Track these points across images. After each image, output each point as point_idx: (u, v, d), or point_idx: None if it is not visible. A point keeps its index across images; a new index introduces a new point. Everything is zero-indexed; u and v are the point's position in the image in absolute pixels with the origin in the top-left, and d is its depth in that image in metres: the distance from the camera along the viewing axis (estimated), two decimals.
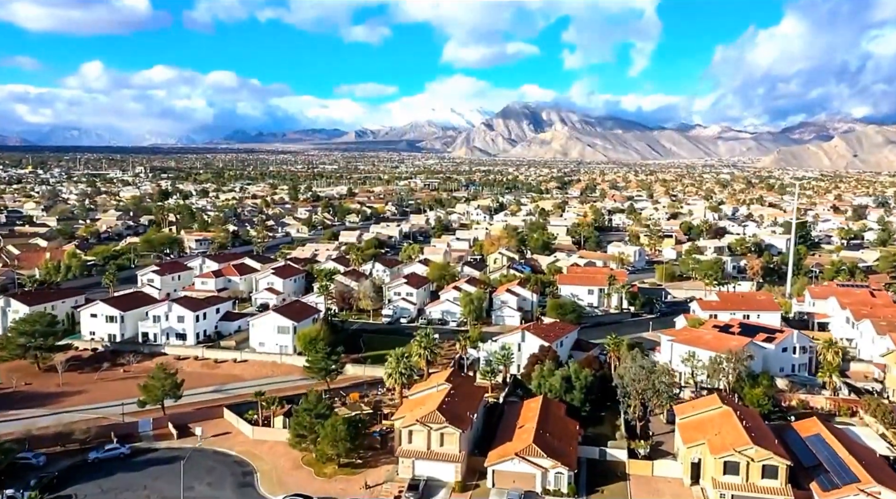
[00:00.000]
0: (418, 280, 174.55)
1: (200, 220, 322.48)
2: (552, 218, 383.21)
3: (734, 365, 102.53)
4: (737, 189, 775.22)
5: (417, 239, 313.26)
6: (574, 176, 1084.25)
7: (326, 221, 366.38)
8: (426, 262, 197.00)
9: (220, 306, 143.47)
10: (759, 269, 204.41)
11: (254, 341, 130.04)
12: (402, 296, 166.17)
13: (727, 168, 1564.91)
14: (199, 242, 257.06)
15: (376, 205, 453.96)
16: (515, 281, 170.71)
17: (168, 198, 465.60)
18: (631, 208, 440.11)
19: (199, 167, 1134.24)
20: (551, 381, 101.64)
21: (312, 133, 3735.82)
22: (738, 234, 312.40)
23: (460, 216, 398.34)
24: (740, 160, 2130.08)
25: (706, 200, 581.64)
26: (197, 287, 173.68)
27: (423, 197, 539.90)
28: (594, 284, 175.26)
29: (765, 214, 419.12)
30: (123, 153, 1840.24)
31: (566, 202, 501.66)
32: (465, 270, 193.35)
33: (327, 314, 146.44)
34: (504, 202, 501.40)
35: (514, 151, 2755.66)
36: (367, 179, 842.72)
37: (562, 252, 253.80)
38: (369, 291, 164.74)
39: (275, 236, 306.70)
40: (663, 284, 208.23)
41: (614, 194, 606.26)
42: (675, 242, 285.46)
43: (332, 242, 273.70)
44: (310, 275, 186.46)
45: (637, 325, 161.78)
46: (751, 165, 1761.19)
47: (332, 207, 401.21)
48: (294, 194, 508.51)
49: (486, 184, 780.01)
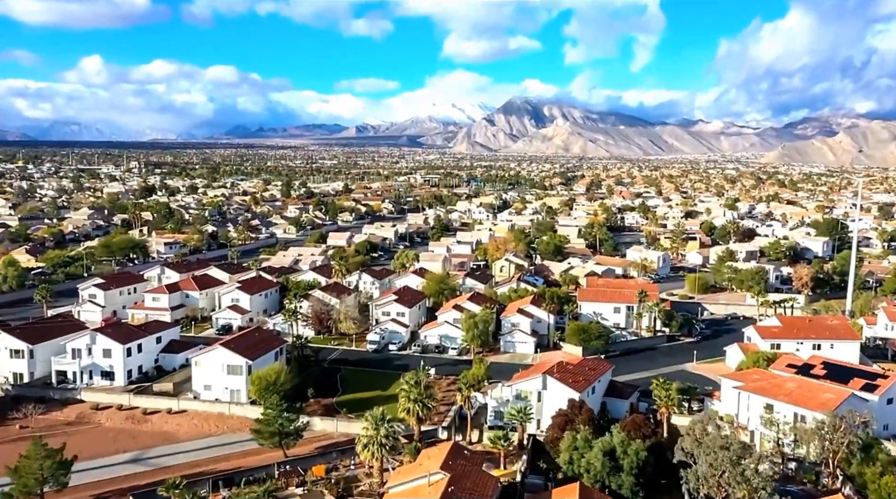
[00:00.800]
0: (412, 296, 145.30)
1: (179, 219, 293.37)
2: (560, 217, 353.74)
3: (845, 434, 73.29)
4: (747, 185, 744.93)
5: (415, 241, 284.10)
6: (577, 171, 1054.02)
7: (316, 220, 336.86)
8: (422, 272, 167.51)
9: (163, 334, 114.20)
10: (808, 280, 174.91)
11: (197, 384, 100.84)
12: (391, 316, 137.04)
13: (731, 164, 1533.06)
14: (170, 245, 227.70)
15: (373, 202, 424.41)
16: (528, 298, 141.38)
17: (152, 194, 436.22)
18: (643, 206, 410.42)
19: (196, 163, 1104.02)
20: (589, 457, 72.48)
21: (313, 128, 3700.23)
22: (765, 235, 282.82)
23: (461, 215, 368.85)
24: (743, 156, 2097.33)
25: (719, 197, 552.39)
26: (147, 304, 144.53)
27: (422, 194, 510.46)
28: (621, 300, 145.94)
29: (787, 212, 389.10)
30: (122, 148, 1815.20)
31: (573, 199, 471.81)
32: (468, 283, 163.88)
33: (297, 344, 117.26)
34: (507, 199, 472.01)
35: (516, 146, 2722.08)
36: (366, 174, 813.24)
37: (575, 257, 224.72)
38: (352, 310, 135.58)
39: (258, 238, 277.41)
40: (695, 296, 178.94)
41: (622, 191, 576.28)
42: (698, 245, 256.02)
43: (318, 245, 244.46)
44: (285, 288, 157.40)
45: (675, 353, 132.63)
46: (755, 161, 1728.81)
47: (323, 206, 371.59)
48: (286, 191, 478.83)
49: (488, 180, 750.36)
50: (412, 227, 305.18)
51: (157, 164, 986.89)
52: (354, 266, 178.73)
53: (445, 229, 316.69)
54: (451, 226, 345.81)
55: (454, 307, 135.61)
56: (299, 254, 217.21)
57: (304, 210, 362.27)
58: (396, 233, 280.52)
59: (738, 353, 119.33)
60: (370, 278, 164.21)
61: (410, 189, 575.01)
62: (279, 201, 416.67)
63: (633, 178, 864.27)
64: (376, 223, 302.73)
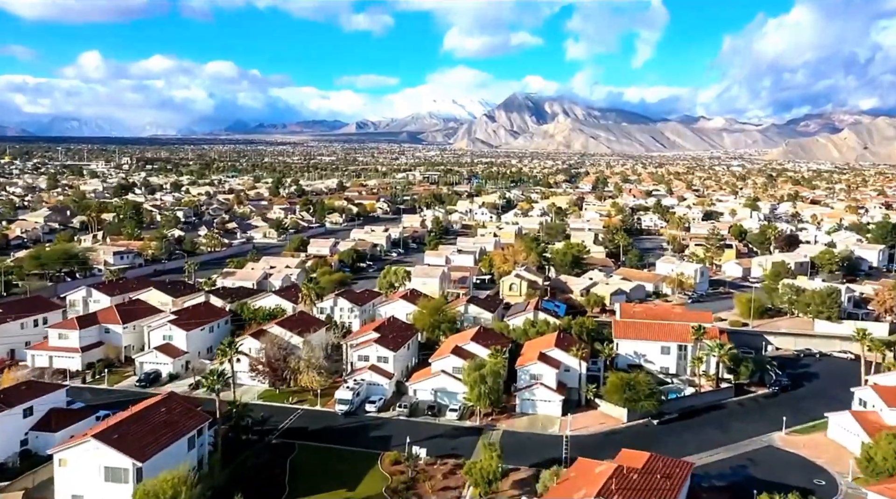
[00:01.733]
0: (398, 333, 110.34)
1: (140, 221, 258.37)
2: (570, 218, 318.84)
3: None
4: (758, 183, 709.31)
5: (410, 247, 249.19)
6: (580, 168, 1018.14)
7: (302, 222, 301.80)
8: (413, 296, 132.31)
9: (38, 402, 79.40)
10: (894, 303, 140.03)
11: (62, 493, 66.08)
12: (370, 362, 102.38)
13: (735, 160, 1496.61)
14: (121, 255, 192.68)
15: (366, 202, 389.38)
16: (550, 337, 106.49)
17: (128, 192, 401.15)
18: (658, 206, 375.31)
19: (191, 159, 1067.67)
20: None
21: (313, 124, 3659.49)
22: (807, 241, 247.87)
23: (462, 216, 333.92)
24: (747, 152, 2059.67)
25: (734, 195, 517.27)
26: (52, 343, 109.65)
27: (420, 192, 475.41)
28: (672, 338, 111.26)
29: (817, 213, 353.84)
30: (121, 144, 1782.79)
31: (582, 198, 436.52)
32: (471, 311, 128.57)
33: (232, 412, 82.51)
34: (511, 198, 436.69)
35: (517, 142, 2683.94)
36: (363, 171, 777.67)
37: (595, 268, 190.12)
38: (318, 356, 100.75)
39: (231, 244, 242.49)
40: (751, 323, 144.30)
41: (631, 189, 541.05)
42: (734, 253, 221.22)
43: (298, 253, 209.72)
44: (239, 318, 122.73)
45: (750, 413, 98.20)
46: (759, 158, 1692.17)
47: (311, 205, 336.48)
48: (275, 189, 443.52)
49: (490, 177, 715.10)
50: (407, 230, 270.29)
51: (150, 160, 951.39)
52: (331, 286, 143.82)
53: (445, 233, 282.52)
54: (451, 228, 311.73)
55: (453, 351, 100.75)
56: (271, 266, 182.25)
57: (289, 211, 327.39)
58: (389, 238, 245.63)
59: (850, 424, 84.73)
60: (348, 304, 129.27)
61: (408, 187, 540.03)
62: (265, 201, 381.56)
63: (639, 175, 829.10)
64: (367, 227, 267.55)
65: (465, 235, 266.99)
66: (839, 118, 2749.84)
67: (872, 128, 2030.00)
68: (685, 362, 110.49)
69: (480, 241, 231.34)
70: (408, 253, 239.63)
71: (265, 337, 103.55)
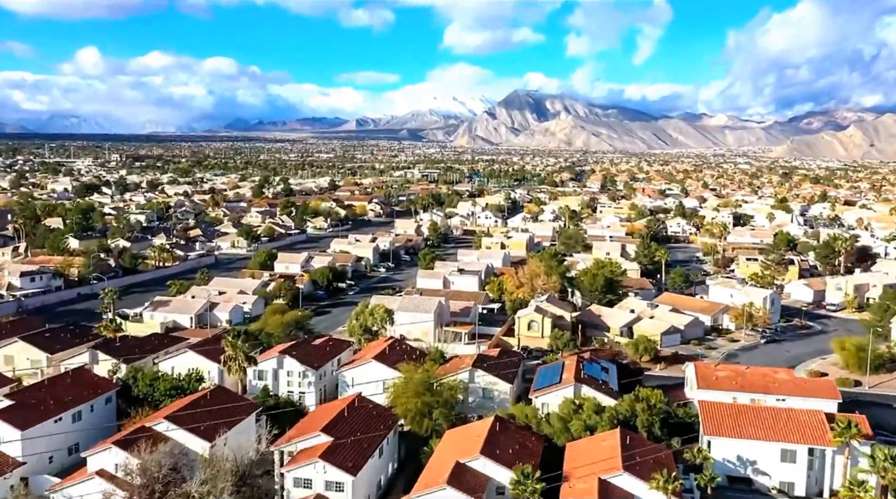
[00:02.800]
0: (365, 428, 68.48)
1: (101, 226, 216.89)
2: (586, 223, 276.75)
3: None
4: (773, 181, 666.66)
5: (402, 261, 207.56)
6: (584, 165, 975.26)
7: (279, 228, 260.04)
8: (392, 353, 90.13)
9: None
10: None
11: None
12: (315, 491, 60.74)
13: (741, 158, 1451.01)
14: (31, 276, 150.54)
15: (357, 203, 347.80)
16: (612, 447, 64.55)
17: (93, 192, 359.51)
18: (682, 209, 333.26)
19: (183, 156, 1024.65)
20: None
21: (313, 122, 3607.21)
22: (875, 253, 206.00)
23: (463, 220, 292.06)
24: (750, 150, 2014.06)
25: (754, 195, 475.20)
26: None
27: (418, 191, 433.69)
28: (794, 437, 69.59)
29: (863, 216, 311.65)
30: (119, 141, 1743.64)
31: (595, 199, 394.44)
32: (479, 381, 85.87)
33: None
34: (517, 198, 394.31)
35: (517, 140, 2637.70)
36: (359, 169, 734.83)
37: (629, 291, 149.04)
38: (223, 482, 58.94)
39: (187, 257, 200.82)
40: (867, 380, 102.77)
41: (645, 188, 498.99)
42: (797, 272, 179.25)
43: (261, 272, 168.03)
44: (128, 391, 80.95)
45: None
46: (764, 155, 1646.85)
47: (293, 208, 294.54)
48: (259, 189, 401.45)
49: (492, 175, 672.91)
50: (400, 238, 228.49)
51: (140, 157, 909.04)
52: (281, 330, 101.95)
53: (444, 241, 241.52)
54: (451, 234, 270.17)
55: (453, 477, 58.93)
56: (220, 292, 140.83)
57: (268, 214, 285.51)
58: (377, 250, 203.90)
59: None
60: (299, 367, 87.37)
61: (405, 187, 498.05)
62: (245, 202, 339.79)
63: (647, 173, 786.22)
64: (351, 236, 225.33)
65: (466, 245, 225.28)
66: (842, 116, 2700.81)
67: (879, 125, 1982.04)
68: (821, 475, 69.04)
69: (486, 254, 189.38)
70: (399, 268, 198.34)
71: (142, 445, 61.83)
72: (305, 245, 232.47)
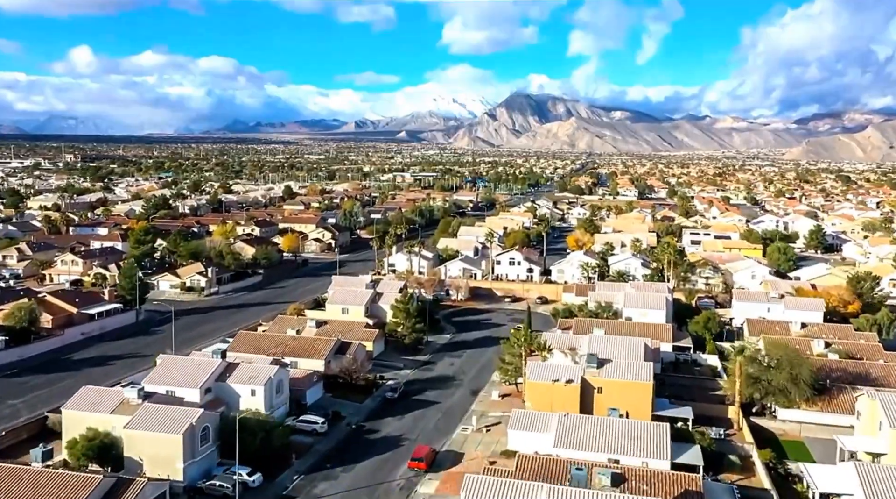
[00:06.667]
0: None
1: None
2: (703, 275, 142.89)
3: None
4: (829, 186, 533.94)
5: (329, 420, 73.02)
6: (593, 168, 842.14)
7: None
8: None
9: None
10: None
11: None
12: None
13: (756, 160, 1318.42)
14: None
15: (300, 225, 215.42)
16: None
17: None
18: (814, 233, 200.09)
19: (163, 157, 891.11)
20: None
21: (312, 124, 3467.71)
22: None
23: (468, 269, 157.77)
24: (762, 152, 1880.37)
25: (864, 207, 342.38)
26: None
27: (402, 204, 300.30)
28: None
29: None
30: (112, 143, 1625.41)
31: (671, 218, 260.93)
32: None
33: None
34: (546, 215, 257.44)
35: (519, 141, 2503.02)
36: (341, 171, 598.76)
37: None
38: None
39: None
40: None
41: (713, 200, 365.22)
42: None
43: None
44: None
45: None
46: (779, 158, 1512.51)
47: (158, 246, 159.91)
48: (162, 202, 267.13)
49: (498, 179, 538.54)
50: (314, 351, 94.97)
51: (94, 158, 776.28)
52: None
53: (433, 325, 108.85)
54: (447, 295, 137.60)
55: None
56: None
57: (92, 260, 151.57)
58: (192, 434, 69.80)
59: None
60: None
61: (390, 195, 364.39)
62: (106, 227, 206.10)
63: (677, 176, 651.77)
64: (202, 349, 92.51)
65: (483, 338, 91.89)
66: (850, 117, 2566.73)
67: None
68: None
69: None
70: None
71: None
72: None
